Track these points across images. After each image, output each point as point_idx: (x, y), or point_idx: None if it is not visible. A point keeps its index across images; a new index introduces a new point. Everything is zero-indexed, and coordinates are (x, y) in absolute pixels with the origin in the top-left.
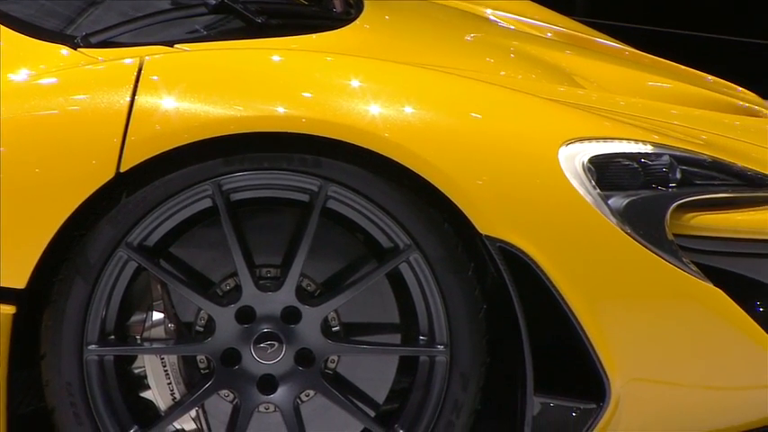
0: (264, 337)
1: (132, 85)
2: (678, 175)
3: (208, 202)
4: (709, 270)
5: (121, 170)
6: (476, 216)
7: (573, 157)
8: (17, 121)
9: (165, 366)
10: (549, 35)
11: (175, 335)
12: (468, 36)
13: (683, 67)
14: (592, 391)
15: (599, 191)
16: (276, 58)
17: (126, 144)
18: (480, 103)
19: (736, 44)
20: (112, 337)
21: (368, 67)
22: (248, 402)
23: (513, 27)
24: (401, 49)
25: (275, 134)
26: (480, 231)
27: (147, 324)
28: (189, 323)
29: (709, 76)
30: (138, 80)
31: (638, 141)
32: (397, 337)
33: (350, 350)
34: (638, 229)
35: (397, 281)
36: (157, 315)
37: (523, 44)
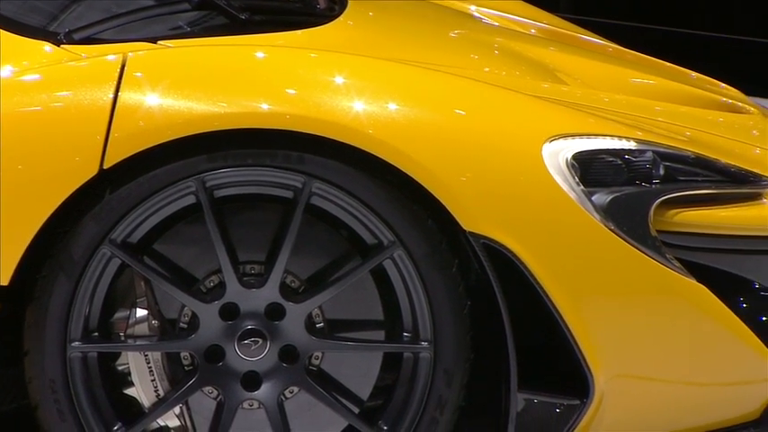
0: (248, 334)
1: (116, 82)
2: (662, 172)
3: (191, 199)
4: (693, 266)
5: (105, 167)
6: (460, 213)
7: (557, 154)
8: (0, 118)
9: (149, 363)
10: (533, 32)
11: (159, 332)
12: (453, 32)
13: (666, 63)
14: (576, 388)
15: (583, 187)
16: (260, 54)
17: (109, 141)
18: (464, 100)
19: (720, 41)
20: (96, 334)
21: (352, 63)
22: (232, 399)
23: (498, 24)
24: (385, 45)
25: (259, 131)
26: (464, 228)
27: (131, 321)
28: (173, 320)
29: (693, 73)
30: (122, 77)
31: (621, 138)
32: (381, 334)
33: (334, 347)
34: (621, 225)
35: (381, 277)
36: (141, 312)
37: (507, 41)
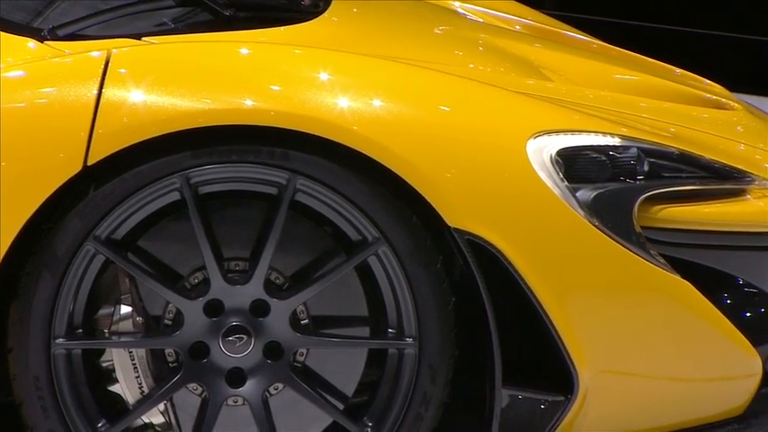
0: (233, 331)
1: (99, 78)
2: (646, 168)
3: (176, 195)
4: (677, 262)
5: (89, 163)
6: (444, 209)
7: (541, 150)
8: None
9: (134, 360)
10: (518, 28)
11: (143, 328)
12: (437, 29)
13: (650, 59)
14: (560, 384)
15: (567, 183)
16: (244, 50)
17: (93, 137)
18: (449, 96)
19: (704, 37)
20: (80, 330)
21: (336, 59)
22: (217, 396)
23: (482, 20)
24: (369, 41)
25: (244, 127)
26: (449, 224)
27: (116, 318)
28: (157, 317)
29: (677, 69)
30: (106, 73)
31: (605, 134)
32: (365, 330)
33: (318, 343)
34: (605, 221)
35: (365, 274)
36: (125, 308)
37: (492, 37)
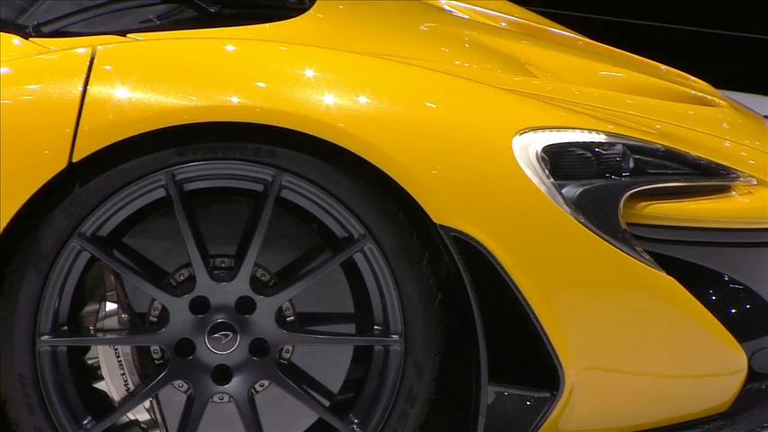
0: (219, 328)
1: (85, 75)
2: (631, 165)
3: (161, 192)
4: (663, 259)
5: (74, 160)
6: (430, 205)
7: (527, 147)
8: None
9: (119, 357)
10: (504, 25)
11: (129, 325)
12: (423, 26)
13: (636, 56)
14: (546, 381)
15: (552, 180)
16: (230, 47)
17: (78, 134)
18: (435, 93)
19: (689, 34)
20: (66, 327)
21: (322, 56)
22: (202, 393)
23: (468, 17)
24: (355, 38)
25: (229, 124)
26: (434, 221)
27: (101, 315)
28: (143, 314)
29: (663, 66)
30: (91, 70)
31: (591, 131)
32: (351, 327)
33: (304, 340)
34: (591, 218)
35: (351, 271)
36: (111, 305)
37: (478, 34)
